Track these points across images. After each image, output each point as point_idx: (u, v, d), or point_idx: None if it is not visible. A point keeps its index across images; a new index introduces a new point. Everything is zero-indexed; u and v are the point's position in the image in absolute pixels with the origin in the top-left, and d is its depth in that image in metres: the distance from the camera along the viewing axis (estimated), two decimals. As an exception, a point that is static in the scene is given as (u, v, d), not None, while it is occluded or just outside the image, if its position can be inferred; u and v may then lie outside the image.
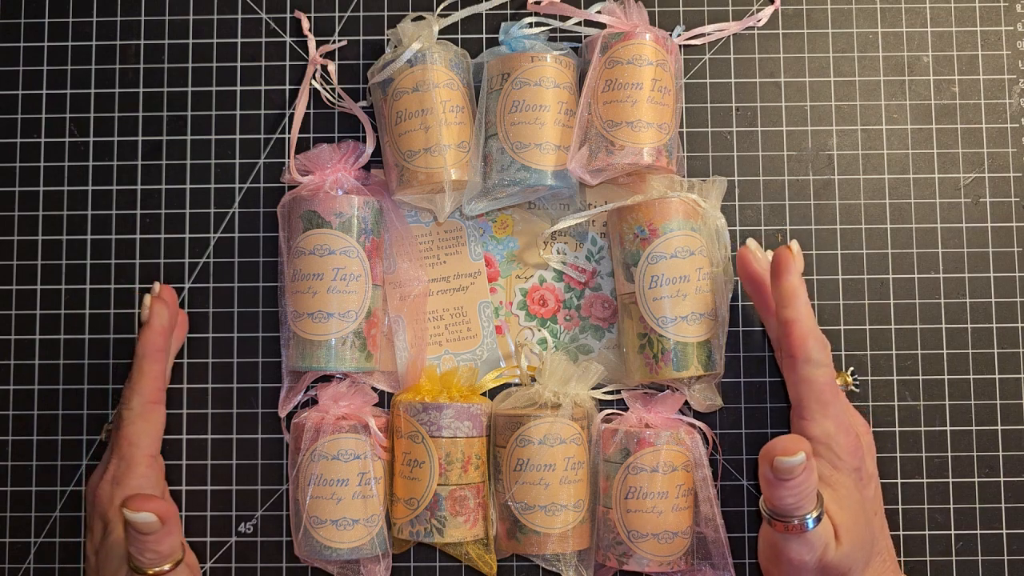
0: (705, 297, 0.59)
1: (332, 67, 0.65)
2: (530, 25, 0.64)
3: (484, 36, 0.66)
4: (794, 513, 0.52)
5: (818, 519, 0.52)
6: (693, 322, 0.58)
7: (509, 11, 0.66)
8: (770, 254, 0.59)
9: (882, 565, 0.56)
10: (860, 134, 0.66)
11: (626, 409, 0.62)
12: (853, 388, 0.63)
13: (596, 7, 0.62)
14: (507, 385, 0.64)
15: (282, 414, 0.63)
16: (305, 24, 0.66)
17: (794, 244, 0.58)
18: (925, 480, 0.64)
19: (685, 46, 0.66)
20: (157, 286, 0.62)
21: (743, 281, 0.61)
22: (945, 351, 0.64)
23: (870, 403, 0.64)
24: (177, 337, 0.63)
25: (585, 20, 0.63)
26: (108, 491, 0.57)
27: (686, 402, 0.61)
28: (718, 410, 0.63)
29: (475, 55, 0.64)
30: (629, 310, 0.60)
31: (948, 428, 0.64)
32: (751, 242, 0.60)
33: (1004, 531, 0.63)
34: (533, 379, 0.62)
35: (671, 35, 0.64)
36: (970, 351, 0.64)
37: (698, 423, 0.61)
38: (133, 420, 0.58)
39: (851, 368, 0.64)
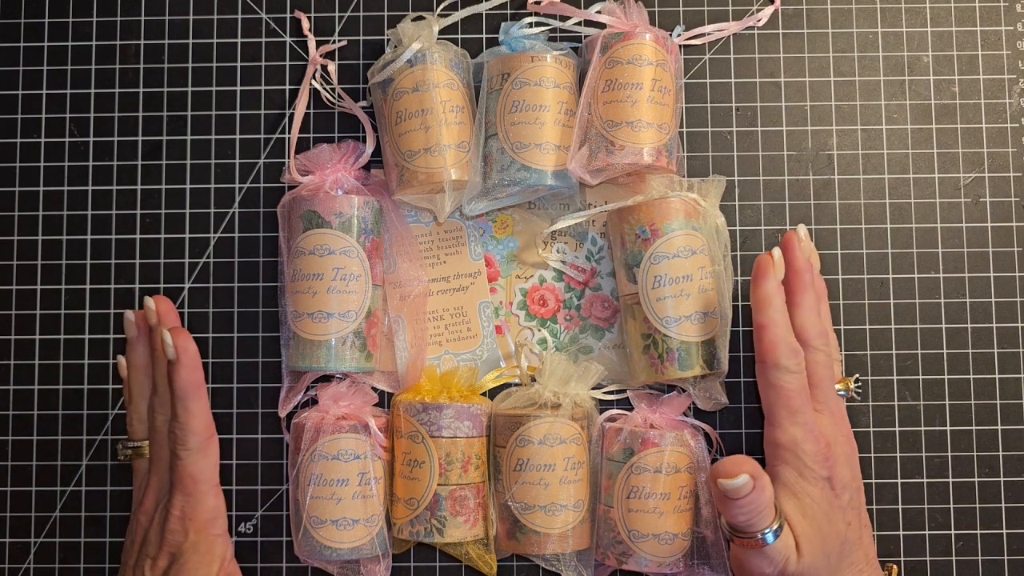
0: (708, 296, 0.59)
1: (332, 67, 0.65)
2: (530, 25, 0.64)
3: (484, 36, 0.66)
4: (749, 529, 0.52)
5: (777, 532, 0.52)
6: (697, 321, 0.58)
7: (509, 11, 0.66)
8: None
9: (857, 574, 0.56)
10: (860, 134, 0.66)
11: (629, 409, 0.62)
12: (855, 394, 0.63)
13: (596, 7, 0.62)
14: (507, 385, 0.64)
15: (282, 414, 0.63)
16: (305, 24, 0.66)
17: (800, 229, 0.58)
18: (925, 480, 0.64)
19: (685, 46, 0.66)
20: (152, 305, 0.62)
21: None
22: (945, 351, 0.64)
23: (870, 403, 0.64)
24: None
25: (585, 20, 0.63)
26: (179, 527, 0.58)
27: (693, 406, 0.61)
28: (718, 410, 0.63)
29: (475, 55, 0.64)
30: (632, 311, 0.60)
31: (948, 428, 0.64)
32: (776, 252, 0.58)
33: (1004, 531, 0.63)
34: (533, 379, 0.62)
35: (671, 35, 0.64)
36: (970, 351, 0.64)
37: (702, 425, 0.61)
38: (194, 459, 0.58)
39: (856, 375, 0.64)
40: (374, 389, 0.63)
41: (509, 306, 0.65)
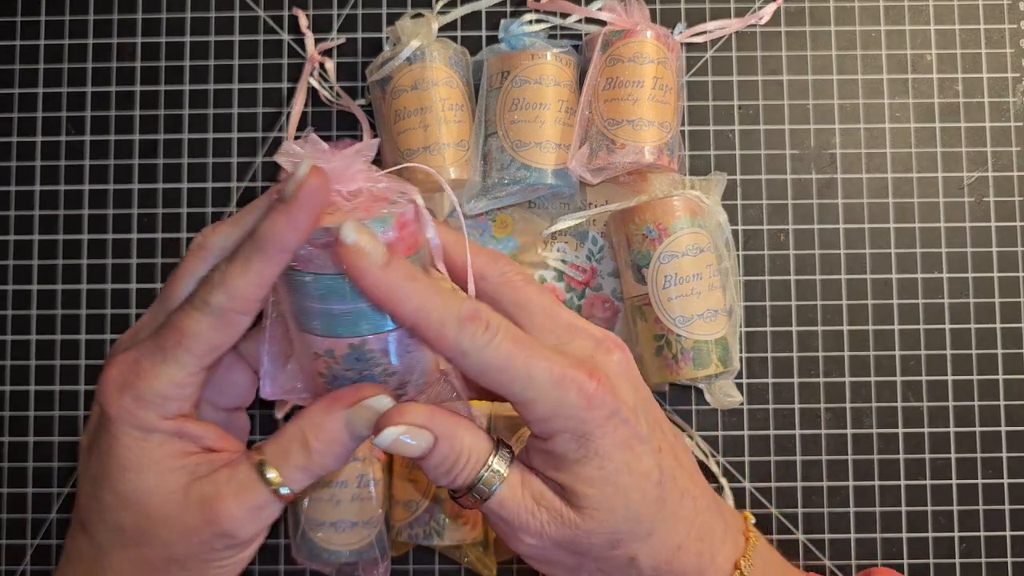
0: (717, 294, 0.59)
1: (330, 65, 0.65)
2: (530, 22, 0.64)
3: (484, 34, 0.66)
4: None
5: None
6: (709, 319, 0.58)
7: (509, 8, 0.66)
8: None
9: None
10: (863, 132, 0.65)
11: None
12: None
13: (597, 4, 0.62)
14: (507, 386, 0.64)
15: (279, 415, 0.62)
16: (303, 21, 0.65)
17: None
18: (928, 482, 0.63)
19: (687, 43, 0.65)
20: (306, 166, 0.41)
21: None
22: (949, 351, 0.64)
23: (873, 404, 0.64)
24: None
25: (586, 17, 0.63)
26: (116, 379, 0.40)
27: (695, 409, 0.61)
28: (718, 411, 0.63)
29: (475, 53, 0.64)
30: (643, 312, 0.59)
31: (951, 429, 0.63)
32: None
33: (1008, 533, 0.63)
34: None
35: (672, 32, 0.63)
36: (974, 351, 0.64)
37: (687, 428, 0.61)
38: (200, 318, 0.39)
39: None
40: (373, 390, 0.62)
41: (509, 306, 0.64)
